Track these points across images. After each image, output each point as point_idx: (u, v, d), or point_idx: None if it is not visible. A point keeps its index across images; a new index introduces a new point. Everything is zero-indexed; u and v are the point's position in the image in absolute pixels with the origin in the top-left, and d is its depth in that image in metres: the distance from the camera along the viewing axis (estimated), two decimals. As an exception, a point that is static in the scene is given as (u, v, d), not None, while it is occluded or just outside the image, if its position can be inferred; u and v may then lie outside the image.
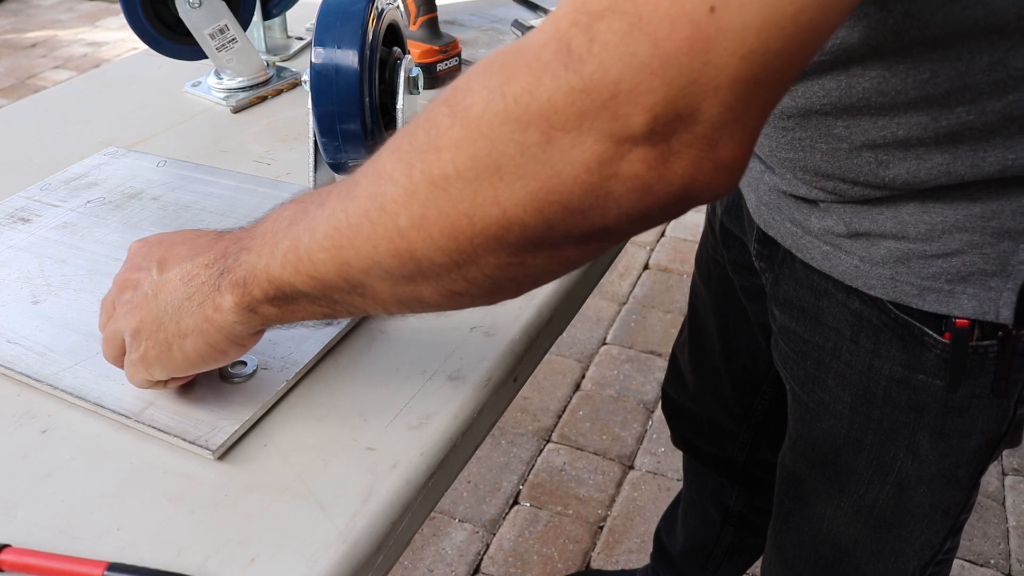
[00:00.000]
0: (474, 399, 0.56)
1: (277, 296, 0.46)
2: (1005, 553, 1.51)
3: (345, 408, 0.55)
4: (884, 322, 0.63)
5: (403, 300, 0.44)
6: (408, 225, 0.39)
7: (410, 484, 0.50)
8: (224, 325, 0.48)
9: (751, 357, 0.97)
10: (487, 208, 0.37)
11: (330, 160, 0.64)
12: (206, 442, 0.51)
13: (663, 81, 0.33)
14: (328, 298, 0.45)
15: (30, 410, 0.55)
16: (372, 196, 0.41)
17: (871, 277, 0.62)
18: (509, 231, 0.38)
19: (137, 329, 0.50)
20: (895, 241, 0.59)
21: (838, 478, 0.73)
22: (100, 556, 0.45)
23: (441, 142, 0.38)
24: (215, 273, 0.48)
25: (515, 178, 0.36)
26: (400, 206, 0.39)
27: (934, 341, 0.61)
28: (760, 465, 1.08)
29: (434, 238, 0.39)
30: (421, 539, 1.54)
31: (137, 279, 0.51)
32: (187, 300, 0.48)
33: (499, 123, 0.36)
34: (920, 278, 0.59)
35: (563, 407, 1.84)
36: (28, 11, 4.52)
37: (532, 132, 0.35)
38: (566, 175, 0.35)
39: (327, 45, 0.59)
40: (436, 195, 0.38)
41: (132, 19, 0.92)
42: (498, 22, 1.20)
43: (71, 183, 0.80)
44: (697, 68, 0.32)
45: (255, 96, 0.98)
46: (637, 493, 1.64)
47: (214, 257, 0.48)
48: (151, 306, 0.49)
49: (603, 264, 0.76)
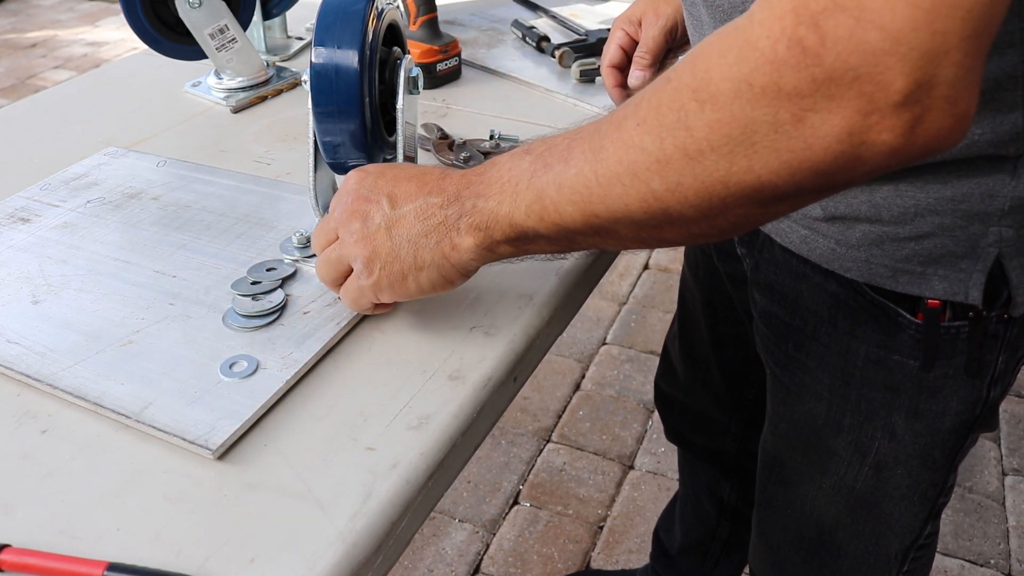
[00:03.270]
0: (474, 399, 0.56)
1: (518, 238, 0.52)
2: (1005, 553, 1.51)
3: (345, 408, 0.55)
4: (860, 304, 0.65)
5: (644, 240, 0.50)
6: (663, 189, 0.44)
7: (410, 484, 0.50)
8: (460, 262, 0.54)
9: (740, 346, 0.98)
10: (741, 175, 0.42)
11: (330, 160, 0.64)
12: (206, 442, 0.51)
13: (898, 58, 0.36)
14: (569, 240, 0.51)
15: (30, 410, 0.55)
16: (622, 162, 0.45)
17: (847, 260, 0.63)
18: (760, 191, 0.42)
19: (370, 258, 0.55)
20: (870, 224, 0.61)
21: (819, 459, 0.75)
22: (100, 556, 0.45)
23: (692, 122, 0.42)
24: (452, 215, 0.53)
25: (769, 151, 0.40)
26: (653, 173, 0.44)
27: (908, 322, 0.63)
28: (752, 456, 1.09)
29: (688, 199, 0.44)
30: (421, 539, 1.54)
31: (367, 210, 0.55)
32: (424, 237, 0.54)
33: (751, 108, 0.40)
34: (894, 260, 0.61)
35: (563, 407, 1.84)
36: (28, 11, 4.51)
37: (784, 112, 0.39)
38: (818, 147, 0.39)
39: (327, 45, 0.59)
40: (691, 166, 0.43)
41: (132, 19, 0.92)
42: (498, 22, 1.20)
43: (71, 183, 0.80)
44: (926, 39, 0.35)
45: (255, 96, 0.98)
46: (637, 493, 1.64)
47: (447, 199, 0.53)
48: (385, 238, 0.54)
49: (603, 264, 0.76)
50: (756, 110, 0.40)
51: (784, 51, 0.38)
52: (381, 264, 0.55)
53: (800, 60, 0.37)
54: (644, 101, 0.46)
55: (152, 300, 0.63)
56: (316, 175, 0.67)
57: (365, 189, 0.56)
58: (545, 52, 1.07)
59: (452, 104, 0.97)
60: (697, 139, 0.42)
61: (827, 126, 0.38)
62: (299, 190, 0.77)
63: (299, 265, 0.67)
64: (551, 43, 1.07)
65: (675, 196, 0.44)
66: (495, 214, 0.51)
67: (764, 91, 0.39)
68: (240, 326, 0.60)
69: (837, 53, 0.36)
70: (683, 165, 0.43)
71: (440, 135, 0.85)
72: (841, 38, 0.36)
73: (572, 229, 0.49)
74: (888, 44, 0.35)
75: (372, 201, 0.55)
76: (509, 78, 1.03)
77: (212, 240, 0.70)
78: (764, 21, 0.39)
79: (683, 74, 0.44)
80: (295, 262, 0.67)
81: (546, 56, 1.07)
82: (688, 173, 0.43)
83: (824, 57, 0.37)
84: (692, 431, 1.15)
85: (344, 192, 0.58)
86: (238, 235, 0.71)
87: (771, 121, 0.40)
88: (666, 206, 0.45)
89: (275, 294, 0.63)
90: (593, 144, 0.47)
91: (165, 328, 0.60)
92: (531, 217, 0.50)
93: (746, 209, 0.44)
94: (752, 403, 1.03)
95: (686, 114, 0.43)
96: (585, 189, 0.47)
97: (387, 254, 0.55)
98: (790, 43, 0.37)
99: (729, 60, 0.41)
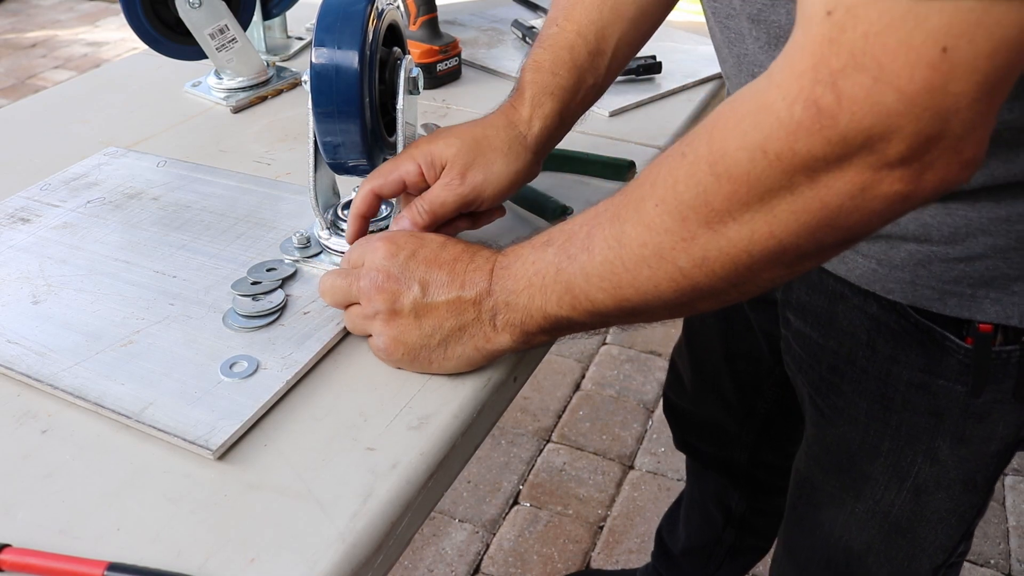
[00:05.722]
0: (474, 399, 0.56)
1: (553, 328, 0.53)
2: (1005, 553, 1.51)
3: (345, 408, 0.55)
4: (903, 327, 0.62)
5: (677, 313, 0.50)
6: (690, 266, 0.45)
7: (410, 484, 0.50)
8: (493, 354, 0.56)
9: (753, 360, 0.97)
10: (764, 242, 0.42)
11: (330, 160, 0.64)
12: (206, 442, 0.51)
13: (910, 119, 0.36)
14: (603, 322, 0.52)
15: (30, 410, 0.55)
16: (646, 245, 0.46)
17: (890, 281, 0.61)
18: (784, 254, 0.43)
19: (396, 340, 0.56)
20: (916, 244, 0.58)
21: (853, 484, 0.73)
22: (100, 556, 0.45)
23: (711, 197, 0.43)
24: (486, 312, 0.54)
25: (787, 214, 0.41)
26: (679, 252, 0.45)
27: (956, 346, 0.60)
28: (762, 467, 1.08)
29: (716, 272, 0.45)
30: (421, 539, 1.54)
31: (396, 291, 0.55)
32: (457, 331, 0.55)
33: (766, 176, 0.40)
34: (941, 282, 0.59)
35: (563, 407, 1.84)
36: (28, 11, 4.51)
37: (799, 177, 0.40)
38: (832, 204, 0.40)
39: (327, 45, 0.59)
40: (715, 239, 0.43)
41: (132, 19, 0.92)
42: (498, 22, 1.20)
43: (71, 183, 0.80)
44: (938, 100, 0.35)
45: (255, 96, 0.98)
46: (637, 493, 1.64)
47: (479, 294, 0.54)
48: (414, 326, 0.55)
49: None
50: (772, 179, 0.40)
51: (800, 112, 0.38)
52: (404, 351, 0.56)
53: (815, 122, 0.38)
54: (659, 179, 0.46)
55: (152, 300, 0.63)
56: (316, 175, 0.67)
57: (396, 268, 0.56)
58: (545, 52, 1.07)
59: (452, 104, 0.97)
60: (719, 212, 0.43)
61: (840, 183, 0.39)
62: (299, 190, 0.77)
63: (299, 265, 0.67)
64: (551, 43, 1.07)
65: (703, 271, 0.45)
66: (528, 309, 0.52)
67: (779, 158, 0.39)
68: (240, 326, 0.60)
69: (852, 114, 0.36)
70: (707, 240, 0.44)
71: (440, 135, 0.85)
72: (858, 98, 0.36)
73: (606, 313, 0.50)
74: (903, 106, 0.36)
75: (402, 283, 0.55)
76: (509, 78, 1.03)
77: (212, 240, 0.70)
78: (783, 82, 0.39)
79: (699, 147, 0.44)
80: (295, 262, 0.67)
81: (546, 56, 1.06)
82: (713, 247, 0.44)
83: (839, 118, 0.37)
84: (701, 440, 1.14)
85: (373, 264, 0.56)
86: (238, 235, 0.71)
87: (787, 186, 0.40)
88: (695, 282, 0.45)
89: (275, 294, 0.63)
90: (614, 230, 0.48)
91: (165, 328, 0.60)
92: (563, 307, 0.51)
93: (773, 272, 0.44)
94: (765, 415, 1.02)
95: (704, 189, 0.43)
96: (613, 276, 0.48)
97: (415, 341, 0.55)
98: (806, 103, 0.38)
99: (744, 127, 0.41)
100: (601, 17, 0.67)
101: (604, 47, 0.67)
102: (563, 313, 0.51)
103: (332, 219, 0.69)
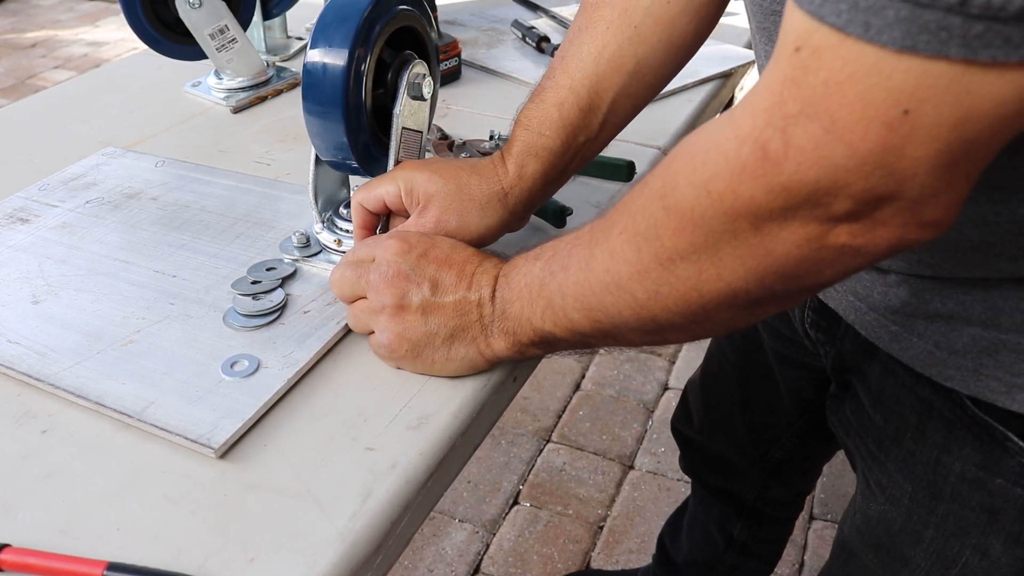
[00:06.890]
0: (474, 399, 0.56)
1: (541, 342, 0.53)
2: (1005, 553, 1.51)
3: (345, 408, 0.55)
4: (958, 417, 0.57)
5: (652, 342, 0.50)
6: (645, 298, 0.45)
7: (410, 484, 0.50)
8: (492, 358, 0.56)
9: (771, 412, 0.94)
10: (712, 283, 0.42)
11: (322, 157, 0.64)
12: (208, 441, 0.51)
13: (859, 176, 0.34)
14: (584, 343, 0.52)
15: (30, 410, 0.55)
16: (608, 271, 0.46)
17: (948, 367, 0.55)
18: (735, 297, 0.42)
19: (400, 336, 0.55)
20: (982, 329, 0.53)
21: (892, 564, 0.67)
22: (100, 556, 0.45)
23: (661, 232, 0.42)
24: (488, 316, 0.54)
25: (733, 258, 0.40)
26: (635, 283, 0.45)
27: (1018, 448, 0.55)
28: (770, 503, 1.06)
29: (669, 307, 0.44)
30: (421, 539, 1.54)
31: (405, 288, 0.55)
32: (461, 331, 0.55)
33: (709, 216, 0.39)
34: (1010, 374, 0.52)
35: (563, 407, 1.84)
36: (28, 11, 4.51)
37: (741, 222, 0.39)
38: (778, 253, 0.39)
39: (320, 44, 0.59)
40: (665, 274, 0.43)
41: (132, 19, 0.92)
42: (498, 22, 1.20)
43: (70, 183, 0.80)
44: (892, 162, 0.33)
45: (255, 96, 0.98)
46: (637, 493, 1.64)
47: (482, 297, 0.54)
48: (420, 323, 0.55)
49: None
50: (715, 219, 0.39)
51: (747, 154, 0.37)
52: (409, 347, 0.55)
53: (759, 167, 0.36)
54: (626, 207, 0.45)
55: (152, 300, 0.63)
56: (316, 175, 0.67)
57: (407, 265, 0.56)
58: (545, 52, 1.07)
59: (452, 104, 0.97)
60: (666, 248, 0.42)
61: (784, 233, 0.38)
62: (299, 190, 0.78)
63: (299, 265, 0.67)
64: (551, 43, 1.07)
65: (658, 304, 0.44)
66: (519, 319, 0.53)
67: (721, 199, 0.38)
68: (241, 325, 0.60)
69: (798, 164, 0.35)
70: (658, 274, 0.43)
71: (440, 136, 0.85)
72: (805, 148, 0.34)
73: (584, 333, 0.50)
74: (852, 163, 0.34)
75: (413, 282, 0.55)
76: (509, 78, 1.03)
77: (212, 240, 0.70)
78: (739, 119, 0.38)
79: (655, 178, 0.43)
80: (295, 262, 0.67)
81: (546, 56, 1.07)
82: (664, 282, 0.43)
83: (784, 166, 0.35)
84: (710, 473, 1.11)
85: (384, 259, 0.56)
86: (238, 235, 0.71)
87: (730, 230, 0.39)
88: (653, 314, 0.45)
89: (275, 293, 0.63)
90: (587, 253, 0.48)
91: (166, 328, 0.60)
92: (547, 322, 0.51)
93: (729, 313, 0.44)
94: (778, 460, 0.99)
95: (656, 222, 0.42)
96: (584, 297, 0.48)
97: (420, 338, 0.55)
98: (755, 146, 0.36)
99: (695, 164, 0.40)
100: (596, 71, 0.63)
101: (598, 102, 0.63)
102: (547, 328, 0.51)
103: (330, 217, 0.69)
